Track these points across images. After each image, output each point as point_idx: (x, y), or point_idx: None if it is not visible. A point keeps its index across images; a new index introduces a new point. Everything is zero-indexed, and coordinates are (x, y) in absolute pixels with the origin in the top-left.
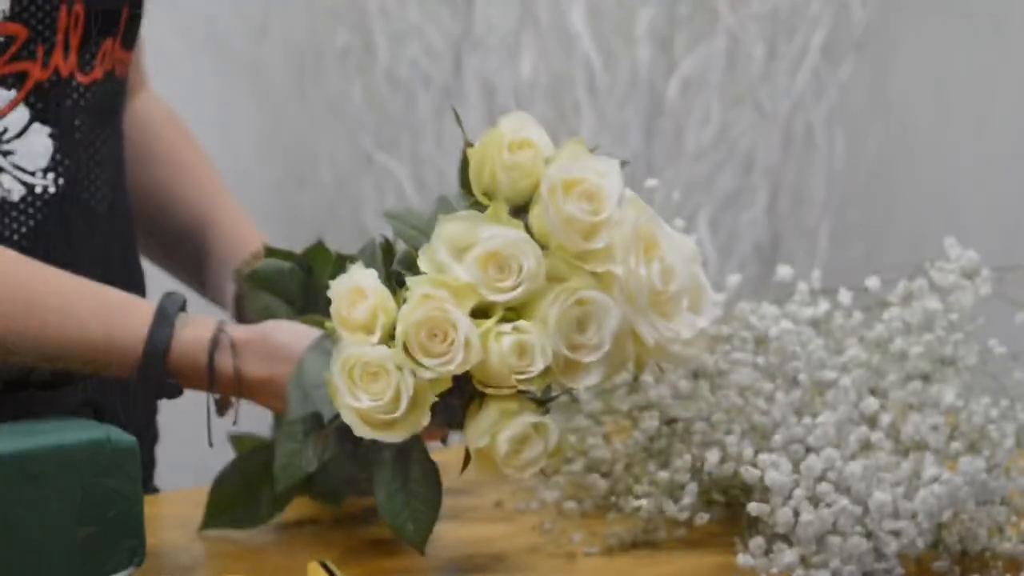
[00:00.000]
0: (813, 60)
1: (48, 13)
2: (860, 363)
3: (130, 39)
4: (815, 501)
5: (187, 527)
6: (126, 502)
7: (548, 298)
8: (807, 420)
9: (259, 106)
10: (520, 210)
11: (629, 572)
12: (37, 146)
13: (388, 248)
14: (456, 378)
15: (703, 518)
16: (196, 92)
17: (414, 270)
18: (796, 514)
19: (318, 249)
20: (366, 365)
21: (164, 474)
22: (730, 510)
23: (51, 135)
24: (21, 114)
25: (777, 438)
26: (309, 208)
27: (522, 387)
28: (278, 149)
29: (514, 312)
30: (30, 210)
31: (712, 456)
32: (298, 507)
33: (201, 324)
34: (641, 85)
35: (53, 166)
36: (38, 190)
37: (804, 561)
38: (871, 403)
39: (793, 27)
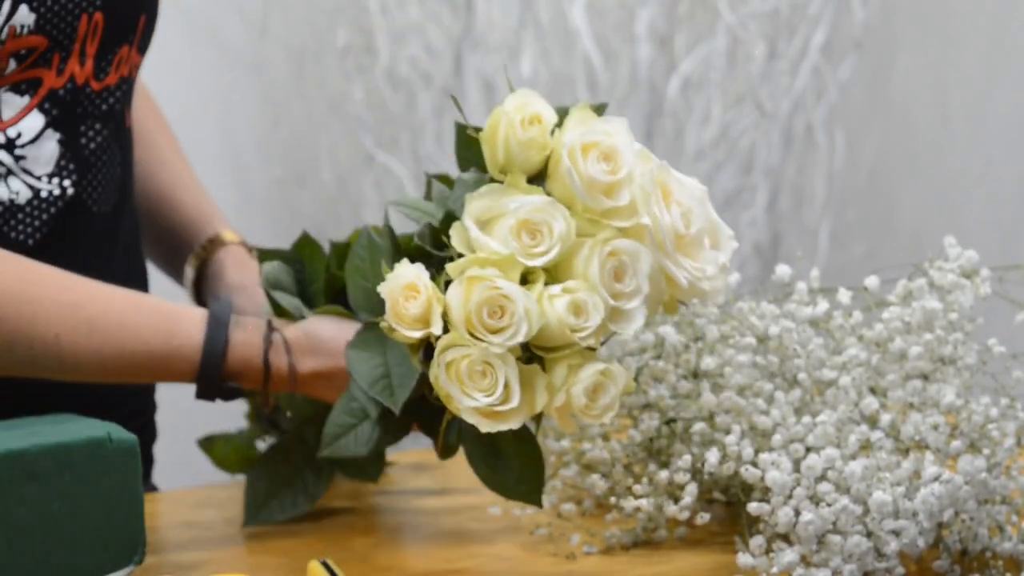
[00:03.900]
0: (813, 60)
1: (69, 23)
2: (860, 363)
3: (145, 44)
4: (815, 500)
5: (187, 526)
6: (126, 501)
7: (582, 255)
8: (807, 420)
9: (260, 105)
10: (531, 181)
11: (629, 572)
12: (45, 151)
13: (390, 232)
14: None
15: (703, 518)
16: (197, 91)
17: (437, 244)
18: (796, 513)
19: (305, 242)
20: (470, 364)
21: (163, 473)
22: (730, 509)
23: (59, 141)
24: (35, 120)
25: (777, 438)
26: (309, 207)
27: (584, 344)
28: (278, 148)
29: (549, 275)
30: (35, 212)
31: (712, 456)
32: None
33: (252, 326)
34: (641, 84)
35: (58, 171)
36: (44, 194)
37: (804, 560)
38: (871, 403)
39: (793, 27)
